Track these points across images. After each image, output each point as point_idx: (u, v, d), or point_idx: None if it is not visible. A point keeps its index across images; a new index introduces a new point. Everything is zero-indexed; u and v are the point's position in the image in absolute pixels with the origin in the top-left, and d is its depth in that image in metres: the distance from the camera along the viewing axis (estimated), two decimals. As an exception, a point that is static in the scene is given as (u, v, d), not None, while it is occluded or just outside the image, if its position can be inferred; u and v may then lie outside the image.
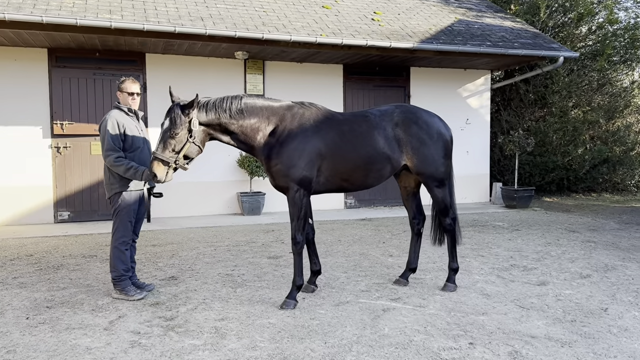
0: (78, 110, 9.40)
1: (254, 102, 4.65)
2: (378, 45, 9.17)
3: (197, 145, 4.50)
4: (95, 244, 7.47)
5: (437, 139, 4.96)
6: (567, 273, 5.81)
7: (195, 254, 6.77)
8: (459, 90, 11.92)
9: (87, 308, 4.61)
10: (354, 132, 4.76)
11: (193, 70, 9.95)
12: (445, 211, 5.10)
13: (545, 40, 10.94)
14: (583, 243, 7.44)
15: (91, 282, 5.44)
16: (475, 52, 9.77)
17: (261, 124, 4.62)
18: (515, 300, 4.86)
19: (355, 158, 4.72)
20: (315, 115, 4.75)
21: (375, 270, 5.93)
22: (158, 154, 4.40)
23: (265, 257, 6.56)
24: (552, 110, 12.75)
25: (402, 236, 8.02)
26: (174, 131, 4.38)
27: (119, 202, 4.79)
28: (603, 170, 13.24)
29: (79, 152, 9.41)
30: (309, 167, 4.58)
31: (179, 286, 5.28)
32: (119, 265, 4.82)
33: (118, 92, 4.92)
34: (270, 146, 4.59)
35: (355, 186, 4.90)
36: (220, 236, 8.00)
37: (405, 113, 4.94)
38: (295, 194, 4.59)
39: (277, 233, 8.26)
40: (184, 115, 4.41)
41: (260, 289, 5.20)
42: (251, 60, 10.33)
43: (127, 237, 4.85)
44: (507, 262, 6.30)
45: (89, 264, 6.22)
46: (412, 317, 4.37)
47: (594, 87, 13.34)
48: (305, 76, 10.74)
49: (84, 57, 9.43)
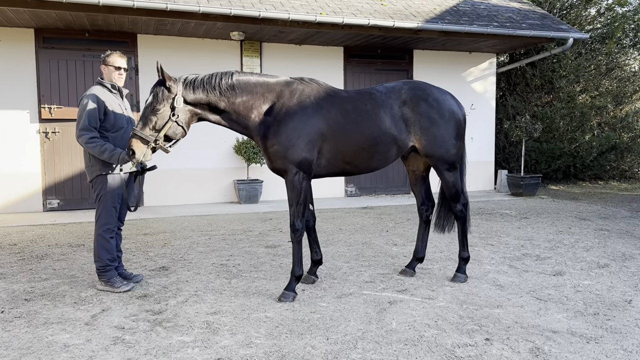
0: (67, 93, 8.99)
1: (247, 79, 4.26)
2: (380, 24, 8.75)
3: (180, 125, 4.12)
4: (84, 232, 7.10)
5: (448, 118, 4.58)
6: (583, 262, 5.46)
7: (188, 243, 6.41)
8: (463, 74, 11.51)
9: (69, 301, 4.25)
10: (358, 111, 4.38)
11: (187, 52, 9.53)
12: (456, 196, 4.73)
13: (553, 22, 10.52)
14: (596, 231, 7.09)
15: (75, 273, 5.07)
16: (482, 32, 9.36)
17: (255, 102, 4.24)
18: (531, 291, 4.51)
19: (359, 139, 4.34)
20: (317, 92, 4.36)
21: (379, 259, 5.58)
22: (137, 131, 4.04)
23: (262, 247, 6.20)
24: (560, 95, 12.34)
25: (405, 225, 7.66)
26: (155, 106, 4.02)
27: (101, 186, 4.41)
28: (610, 157, 12.86)
29: (69, 138, 9.01)
30: (309, 148, 4.21)
31: (169, 277, 4.92)
32: (104, 254, 4.45)
33: (102, 65, 4.52)
34: (266, 125, 4.22)
35: (358, 169, 4.53)
36: (215, 225, 7.64)
37: (413, 90, 4.56)
38: (294, 177, 4.22)
39: (275, 221, 7.90)
40: (167, 91, 4.03)
41: (256, 279, 4.84)
42: (248, 42, 9.91)
43: (112, 224, 4.48)
44: (519, 251, 5.94)
45: (75, 254, 5.85)
46: (421, 310, 4.01)
47: (602, 72, 12.92)
48: (305, 59, 10.32)
49: (73, 37, 9.01)
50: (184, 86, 4.11)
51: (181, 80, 4.12)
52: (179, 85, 4.09)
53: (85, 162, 4.46)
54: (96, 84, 4.51)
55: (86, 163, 4.45)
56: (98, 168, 4.38)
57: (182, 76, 4.17)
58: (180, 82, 4.11)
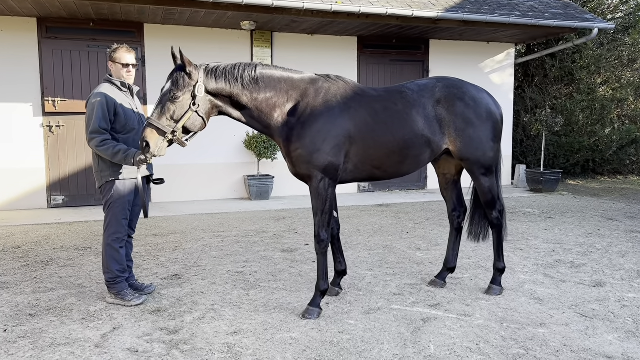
0: (71, 85, 8.64)
1: (271, 73, 3.91)
2: (399, 14, 8.34)
3: (200, 116, 3.77)
4: (90, 233, 6.79)
5: (486, 118, 4.22)
6: (622, 271, 5.12)
7: (200, 246, 6.09)
8: (480, 65, 11.10)
9: (77, 316, 3.94)
10: (388, 111, 4.03)
11: (195, 42, 9.14)
12: (492, 203, 4.38)
13: (577, 11, 10.09)
14: (627, 234, 6.74)
15: (83, 282, 4.76)
16: (504, 22, 8.94)
17: (279, 99, 3.89)
18: (574, 306, 4.18)
19: (389, 142, 3.99)
20: (343, 91, 4.01)
21: (404, 267, 5.25)
22: (153, 121, 3.68)
23: (278, 250, 5.87)
24: (580, 87, 11.91)
25: (425, 225, 7.32)
26: (174, 94, 3.67)
27: (111, 193, 4.08)
28: (631, 151, 12.46)
29: (73, 132, 8.68)
30: (336, 152, 3.86)
31: (183, 287, 4.60)
32: (113, 265, 4.13)
33: (109, 62, 4.16)
34: (290, 127, 3.87)
35: (388, 174, 4.18)
36: (227, 224, 7.31)
37: (448, 88, 4.20)
38: (320, 183, 3.88)
39: (288, 221, 7.57)
40: (188, 77, 3.69)
41: (276, 290, 4.52)
42: (258, 32, 9.51)
43: (122, 234, 4.15)
44: (551, 257, 5.61)
45: (82, 258, 5.54)
46: (459, 331, 3.69)
47: (624, 63, 12.47)
48: (317, 49, 9.93)
49: (77, 27, 8.63)
50: (206, 74, 3.77)
51: (202, 67, 3.78)
52: (200, 72, 3.75)
53: (94, 167, 4.13)
54: (104, 82, 4.16)
55: (95, 168, 4.12)
56: (108, 173, 4.04)
57: (202, 63, 3.82)
58: (202, 69, 3.77)
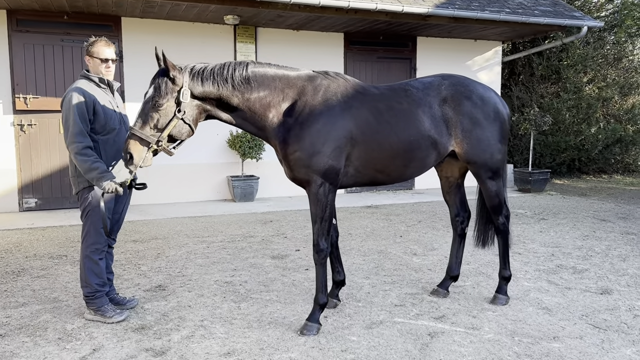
0: (44, 82, 8.18)
1: (264, 71, 3.60)
2: (388, 9, 8.08)
3: (187, 123, 3.45)
4: (66, 239, 6.38)
5: (493, 118, 3.98)
6: (626, 276, 4.94)
7: (184, 252, 5.74)
8: (468, 63, 10.92)
9: (52, 336, 3.58)
10: (392, 111, 3.75)
11: (176, 37, 8.76)
12: (498, 208, 4.15)
13: (565, 9, 9.97)
14: (623, 235, 6.60)
15: (59, 295, 4.39)
16: (494, 19, 8.76)
17: (274, 99, 3.58)
18: (584, 316, 3.97)
19: (394, 144, 3.72)
20: (344, 89, 3.72)
21: (402, 274, 4.99)
22: (136, 130, 3.36)
23: (268, 257, 5.56)
24: (566, 85, 11.83)
25: (418, 228, 7.08)
26: (157, 101, 3.35)
27: (88, 200, 3.72)
28: (615, 150, 12.45)
29: (47, 131, 8.22)
30: (336, 154, 3.58)
31: (168, 300, 4.26)
32: (92, 279, 3.78)
33: (87, 56, 3.80)
34: (286, 127, 3.57)
35: (391, 178, 3.91)
36: (212, 229, 6.97)
37: (455, 86, 3.94)
38: (319, 189, 3.58)
39: (276, 224, 7.26)
40: (172, 83, 3.36)
41: (269, 303, 4.21)
42: (242, 27, 9.16)
43: (101, 244, 3.80)
44: (552, 262, 5.41)
45: (57, 268, 5.15)
46: (469, 347, 3.44)
47: (610, 61, 12.43)
48: (303, 46, 9.62)
49: (50, 20, 8.17)
50: (191, 77, 3.45)
51: (187, 70, 3.45)
52: (185, 75, 3.42)
53: (71, 171, 3.76)
54: (81, 77, 3.79)
55: (71, 172, 3.76)
56: (85, 179, 3.68)
57: (188, 65, 3.50)
58: (187, 72, 3.44)
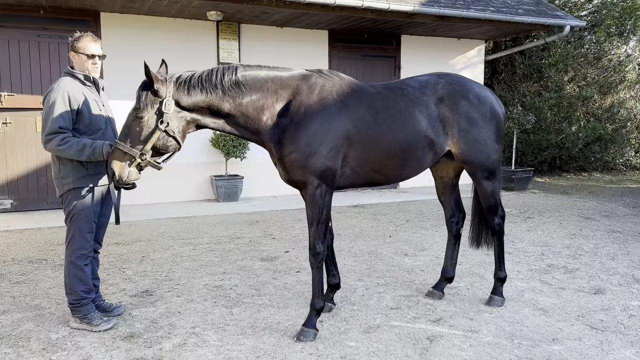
0: (19, 78, 7.89)
1: (254, 74, 3.48)
2: (374, 7, 8.01)
3: (171, 136, 3.33)
4: (44, 242, 6.15)
5: (490, 118, 3.93)
6: (617, 275, 4.96)
7: (170, 255, 5.58)
8: (451, 61, 10.92)
9: (36, 346, 3.40)
10: (389, 110, 3.67)
11: (156, 33, 8.54)
12: (494, 208, 4.10)
13: (548, 8, 10.03)
14: (609, 234, 6.65)
15: (40, 302, 4.20)
16: (479, 17, 8.76)
17: (267, 101, 3.47)
18: (580, 317, 3.95)
19: (391, 143, 3.64)
20: (339, 87, 3.62)
21: (395, 275, 4.92)
22: (118, 144, 3.27)
23: (257, 259, 5.44)
24: (548, 84, 11.93)
25: (406, 227, 7.03)
26: (137, 113, 3.25)
27: (73, 203, 3.54)
28: (595, 148, 12.62)
29: (22, 129, 7.94)
30: (333, 155, 3.48)
31: (157, 306, 4.11)
32: (78, 285, 3.61)
33: (72, 52, 3.62)
34: (281, 129, 3.45)
35: (388, 179, 3.83)
36: (197, 230, 6.80)
37: (452, 85, 3.87)
38: (316, 190, 3.48)
39: (263, 225, 7.12)
40: (153, 95, 3.24)
41: (262, 308, 4.09)
42: (225, 23, 8.98)
43: (87, 249, 3.63)
44: (542, 262, 5.41)
45: (38, 273, 4.95)
46: (470, 350, 3.38)
47: (589, 61, 12.58)
48: (287, 43, 9.48)
49: (26, 15, 7.88)
50: (177, 87, 3.32)
51: (172, 80, 3.32)
52: (170, 86, 3.29)
53: (54, 173, 3.58)
54: (65, 75, 3.62)
55: (55, 173, 3.58)
56: (70, 180, 3.51)
57: (174, 75, 3.36)
58: (172, 82, 3.31)
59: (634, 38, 12.93)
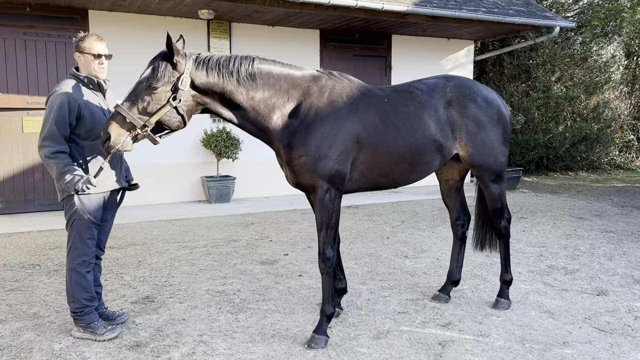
0: (5, 77, 7.68)
1: (269, 69, 3.41)
2: (368, 6, 7.97)
3: (180, 113, 3.21)
4: (35, 246, 5.99)
5: (497, 121, 3.92)
6: (617, 276, 4.99)
7: (167, 259, 5.47)
8: (441, 61, 10.94)
9: (39, 357, 3.29)
10: (399, 114, 3.62)
11: (146, 31, 8.38)
12: (500, 211, 4.09)
13: (538, 9, 10.11)
14: (603, 234, 6.71)
15: (39, 310, 4.07)
16: (472, 18, 8.78)
17: (278, 99, 3.40)
18: (587, 319, 3.96)
19: (400, 147, 3.59)
20: (349, 90, 3.57)
21: (398, 278, 4.89)
22: (121, 109, 3.10)
23: (257, 263, 5.36)
24: (536, 84, 12.04)
25: (403, 229, 7.01)
26: (152, 83, 3.10)
27: (74, 208, 3.43)
28: (581, 148, 12.78)
29: (8, 130, 7.73)
30: (343, 159, 3.42)
31: (160, 313, 4.01)
32: (80, 293, 3.50)
33: (77, 53, 3.49)
34: (291, 130, 3.38)
35: (395, 183, 3.79)
36: (191, 232, 6.69)
37: (460, 88, 3.85)
38: (325, 195, 3.42)
39: (259, 227, 7.04)
40: (173, 67, 3.14)
41: (268, 313, 4.02)
42: (216, 22, 8.86)
43: (88, 256, 3.52)
44: (542, 263, 5.43)
45: (32, 279, 4.81)
46: (483, 356, 3.35)
47: (576, 61, 12.73)
48: (278, 42, 9.39)
49: (11, 12, 7.66)
50: (196, 65, 3.22)
51: (192, 57, 3.22)
52: (189, 62, 3.19)
53: (55, 176, 3.46)
54: (69, 77, 3.50)
55: (56, 177, 3.46)
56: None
57: (193, 52, 3.27)
58: (191, 59, 3.21)
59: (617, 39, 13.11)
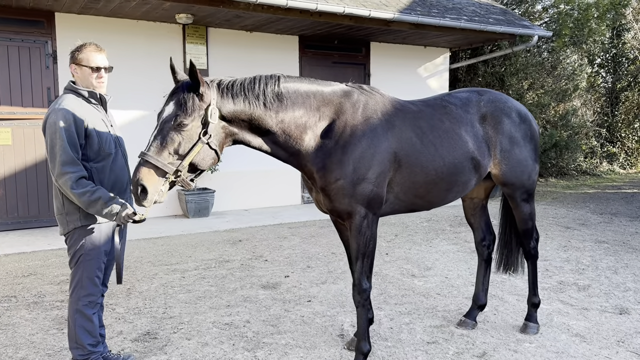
0: (-39, 85, 6.99)
1: (296, 87, 3.07)
2: (355, 13, 7.72)
3: (213, 149, 2.85)
4: (6, 274, 5.39)
5: (530, 137, 3.74)
6: (630, 292, 4.91)
7: (159, 286, 5.01)
8: (419, 69, 10.83)
9: (38, 417, 2.83)
10: (435, 130, 3.37)
11: (117, 36, 7.84)
12: (530, 232, 3.91)
13: (515, 17, 10.15)
14: (597, 244, 6.70)
15: (27, 354, 3.57)
16: (455, 26, 8.68)
17: (310, 119, 3.07)
18: (620, 342, 3.82)
19: (439, 167, 3.34)
20: (382, 106, 3.28)
21: (413, 301, 4.63)
22: (150, 157, 2.70)
23: (258, 287, 4.98)
24: (509, 92, 12.14)
25: (398, 243, 6.78)
26: (181, 121, 2.71)
27: (81, 243, 2.98)
28: (552, 154, 12.98)
29: (-35, 142, 7.03)
30: (381, 181, 3.14)
31: (168, 353, 3.59)
32: (85, 338, 3.05)
33: (73, 65, 3.05)
34: (326, 152, 3.06)
35: (430, 204, 3.53)
36: (177, 253, 6.22)
37: (494, 102, 3.64)
38: (363, 221, 3.12)
39: (248, 245, 6.64)
40: (199, 99, 2.75)
41: (288, 349, 3.67)
42: (192, 27, 8.40)
43: (96, 295, 3.08)
44: (551, 279, 5.30)
45: (11, 315, 4.26)
46: (533, 391, 3.13)
47: (547, 69, 12.93)
48: (256, 49, 9.01)
49: (-32, 13, 7.00)
50: (220, 93, 2.85)
51: (215, 85, 2.86)
52: (213, 91, 2.82)
53: (57, 208, 3.01)
54: (67, 92, 3.05)
55: (58, 209, 3.00)
56: (77, 217, 2.95)
57: (215, 79, 2.90)
58: (214, 87, 2.85)
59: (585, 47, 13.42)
